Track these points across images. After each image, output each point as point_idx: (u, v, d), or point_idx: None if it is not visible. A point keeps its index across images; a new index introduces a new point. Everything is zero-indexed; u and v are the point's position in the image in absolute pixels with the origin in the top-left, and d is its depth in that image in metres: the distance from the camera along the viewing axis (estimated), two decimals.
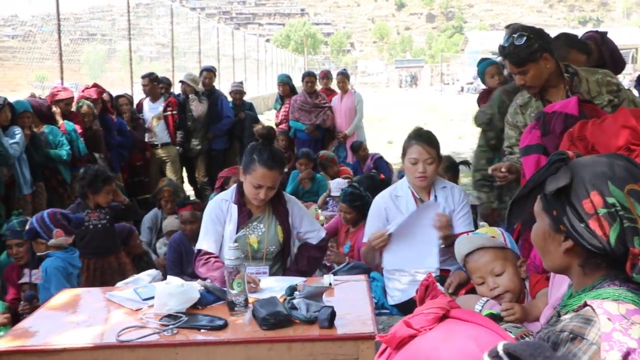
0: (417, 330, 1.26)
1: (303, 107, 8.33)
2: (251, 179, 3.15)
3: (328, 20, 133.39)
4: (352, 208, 4.59)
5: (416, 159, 3.36)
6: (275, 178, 3.18)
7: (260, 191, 3.14)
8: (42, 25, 9.50)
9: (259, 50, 26.99)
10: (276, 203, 3.33)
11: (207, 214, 3.33)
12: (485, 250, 2.56)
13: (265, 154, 3.15)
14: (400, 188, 3.56)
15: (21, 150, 5.37)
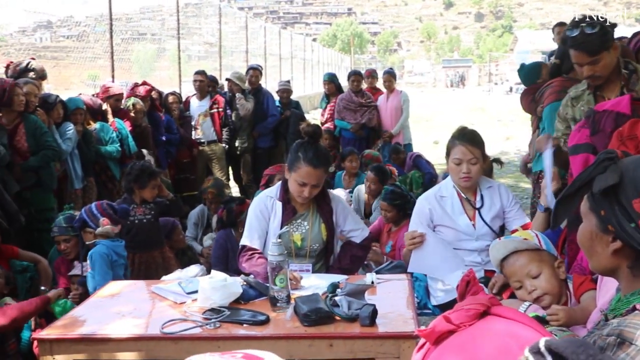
0: (456, 326, 1.24)
1: (348, 106, 8.32)
2: (296, 177, 3.16)
3: (375, 19, 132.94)
4: (392, 206, 4.64)
5: (460, 159, 3.31)
6: (320, 176, 3.18)
7: (305, 189, 3.15)
8: (95, 26, 9.73)
9: (305, 49, 27.05)
10: (320, 201, 3.33)
11: (251, 210, 3.35)
12: (520, 253, 2.52)
13: (311, 152, 3.15)
14: (445, 188, 3.50)
15: (73, 146, 5.53)
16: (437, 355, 1.26)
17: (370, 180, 4.73)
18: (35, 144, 5.02)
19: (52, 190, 5.28)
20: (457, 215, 3.41)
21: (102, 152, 5.88)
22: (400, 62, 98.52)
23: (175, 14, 11.27)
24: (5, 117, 5.02)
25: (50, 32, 12.99)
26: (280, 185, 3.36)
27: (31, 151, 5.02)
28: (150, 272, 4.25)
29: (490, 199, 3.41)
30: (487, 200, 3.41)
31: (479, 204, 3.42)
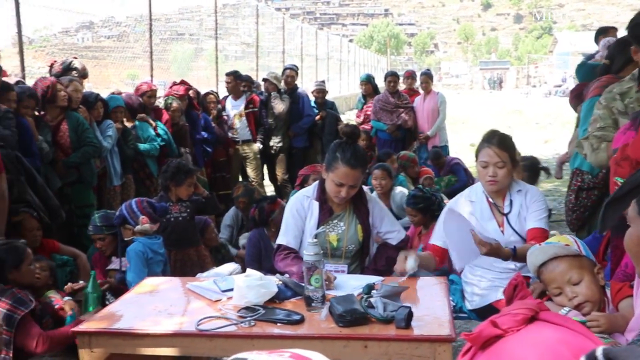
0: (503, 331, 1.21)
1: (385, 107, 8.29)
2: (333, 177, 3.15)
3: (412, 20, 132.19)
4: (416, 210, 4.63)
5: (486, 162, 3.21)
6: (357, 177, 3.16)
7: (342, 189, 3.14)
8: (135, 26, 9.88)
9: (341, 50, 27.06)
10: (357, 202, 3.31)
11: (288, 209, 3.35)
12: (560, 260, 2.46)
13: (349, 153, 3.13)
14: (474, 193, 3.39)
15: (113, 143, 5.62)
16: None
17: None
18: (77, 141, 5.12)
19: (92, 186, 5.38)
20: (486, 221, 3.29)
21: (141, 150, 5.97)
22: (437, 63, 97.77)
23: (213, 14, 11.38)
24: (49, 114, 5.13)
25: (92, 33, 13.24)
26: (317, 185, 3.35)
27: (73, 148, 5.12)
28: (186, 270, 4.29)
29: (519, 204, 3.28)
30: (515, 206, 3.27)
31: (507, 209, 3.29)
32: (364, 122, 8.71)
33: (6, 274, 3.17)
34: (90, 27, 13.40)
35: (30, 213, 4.27)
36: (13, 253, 3.20)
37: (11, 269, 3.18)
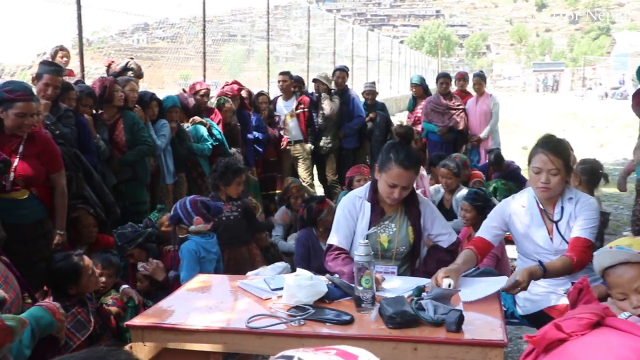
0: (567, 335, 1.18)
1: (436, 108, 8.20)
2: (386, 178, 3.13)
3: (464, 21, 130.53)
4: (473, 207, 4.64)
5: (540, 168, 3.08)
6: (411, 178, 3.14)
7: (395, 190, 3.12)
8: (188, 27, 10.05)
9: (392, 51, 26.91)
10: (409, 203, 3.29)
11: (340, 209, 3.34)
12: (629, 266, 2.37)
13: (402, 154, 3.10)
14: (526, 198, 3.28)
15: (167, 142, 5.73)
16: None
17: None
18: (132, 139, 5.24)
19: (146, 184, 5.49)
20: (536, 228, 3.19)
21: (194, 149, 6.06)
22: (489, 65, 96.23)
23: (264, 15, 11.47)
24: (106, 113, 5.27)
25: (147, 34, 13.52)
26: (369, 185, 3.33)
27: (128, 146, 5.24)
28: (238, 268, 4.30)
29: (569, 212, 3.15)
30: (566, 213, 3.15)
31: (557, 217, 3.16)
32: (414, 124, 8.64)
33: (66, 290, 3.23)
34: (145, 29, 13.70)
35: (87, 210, 4.39)
36: (70, 270, 3.21)
37: (70, 285, 3.23)
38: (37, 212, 3.97)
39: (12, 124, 3.76)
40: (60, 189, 4.04)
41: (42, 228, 3.97)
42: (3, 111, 3.76)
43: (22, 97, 3.74)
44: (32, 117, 3.81)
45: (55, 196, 4.03)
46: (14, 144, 3.83)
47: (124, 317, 3.38)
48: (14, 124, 3.76)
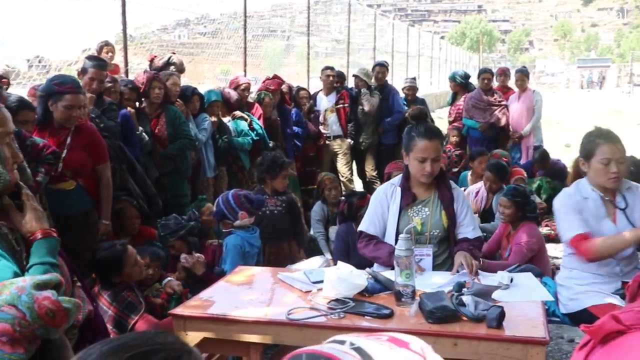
0: (626, 327, 1.16)
1: (477, 104, 8.10)
2: (414, 155, 3.17)
3: (506, 16, 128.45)
4: (512, 203, 4.57)
5: (609, 158, 3.09)
6: (437, 148, 3.19)
7: (426, 164, 3.15)
8: (228, 23, 10.13)
9: (433, 47, 26.68)
10: (442, 187, 3.31)
11: (373, 198, 3.43)
12: None
13: (422, 128, 3.19)
14: (584, 190, 3.25)
15: (208, 136, 5.80)
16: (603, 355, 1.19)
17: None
18: (173, 133, 5.32)
19: (187, 177, 5.57)
20: (601, 219, 3.18)
21: (235, 143, 6.12)
22: (532, 61, 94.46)
23: (304, 11, 11.49)
24: (148, 107, 5.36)
25: (188, 30, 13.66)
26: (402, 173, 3.37)
27: (170, 139, 5.31)
28: (279, 263, 4.31)
29: (632, 200, 3.19)
30: (630, 202, 3.18)
31: (622, 204, 3.18)
32: (454, 120, 8.55)
33: (110, 279, 3.31)
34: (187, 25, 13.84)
35: (130, 202, 4.48)
36: (113, 260, 3.28)
37: (114, 274, 3.31)
38: (83, 203, 4.07)
39: (60, 116, 3.87)
40: (105, 180, 4.13)
41: (88, 219, 4.07)
42: (53, 104, 3.87)
43: (70, 89, 3.84)
44: (80, 109, 3.91)
45: (101, 187, 4.13)
46: (62, 135, 3.94)
47: (167, 307, 3.44)
48: (63, 116, 3.86)
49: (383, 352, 0.79)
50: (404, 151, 3.26)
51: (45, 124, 3.96)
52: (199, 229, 4.40)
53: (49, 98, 3.89)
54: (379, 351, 0.79)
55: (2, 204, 1.57)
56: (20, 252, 1.51)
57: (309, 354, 0.79)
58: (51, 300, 1.00)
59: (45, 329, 0.99)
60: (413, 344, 0.82)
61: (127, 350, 0.85)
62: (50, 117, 3.93)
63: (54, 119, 3.92)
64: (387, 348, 0.80)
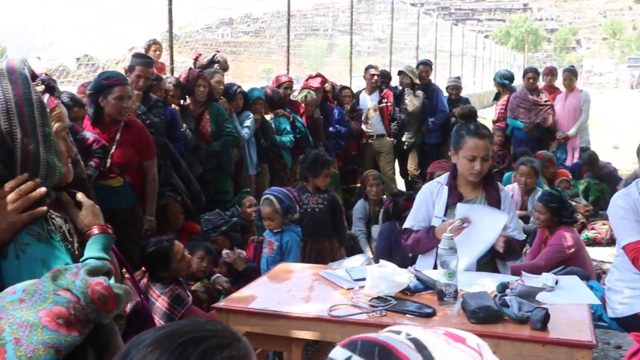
0: None
1: (522, 104, 7.96)
2: (464, 153, 3.13)
3: (553, 15, 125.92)
4: (547, 209, 4.48)
5: None
6: (487, 147, 3.14)
7: (475, 163, 3.10)
8: (271, 22, 10.19)
9: (477, 46, 26.37)
10: (489, 188, 3.26)
11: (419, 195, 3.40)
12: None
13: (472, 126, 3.16)
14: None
15: (250, 134, 5.85)
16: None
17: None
18: (217, 130, 5.38)
19: (230, 174, 5.63)
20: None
21: (277, 141, 6.16)
22: (578, 60, 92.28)
23: (347, 10, 11.48)
24: (192, 104, 5.44)
25: (231, 29, 13.78)
26: (449, 172, 3.34)
27: (213, 137, 5.38)
28: (319, 260, 4.31)
29: None
30: None
31: None
32: (498, 120, 8.44)
33: (159, 274, 3.38)
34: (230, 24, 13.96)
35: (174, 197, 4.55)
36: (160, 255, 3.35)
37: (162, 268, 3.37)
38: (129, 199, 4.15)
39: (112, 109, 3.96)
40: (151, 176, 4.21)
41: (133, 214, 4.15)
42: (103, 99, 3.97)
43: (118, 81, 3.95)
44: (129, 100, 4.00)
45: (147, 183, 4.20)
46: (112, 131, 4.03)
47: None
48: (114, 109, 3.95)
49: (439, 345, 0.79)
50: (453, 149, 3.22)
51: (96, 121, 4.06)
52: (242, 225, 4.45)
53: (99, 94, 3.98)
54: (436, 344, 0.79)
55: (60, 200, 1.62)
56: (72, 242, 1.56)
57: (365, 341, 0.80)
58: (103, 286, 1.03)
59: (97, 314, 1.03)
60: (469, 340, 0.82)
61: (181, 335, 0.87)
62: (101, 114, 4.02)
63: (105, 114, 4.01)
64: (443, 342, 0.80)
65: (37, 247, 1.48)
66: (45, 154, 1.52)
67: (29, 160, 1.50)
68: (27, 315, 0.97)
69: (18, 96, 1.48)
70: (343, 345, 0.81)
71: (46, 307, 0.98)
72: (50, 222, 1.53)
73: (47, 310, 0.98)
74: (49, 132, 1.53)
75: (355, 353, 0.79)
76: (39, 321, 0.96)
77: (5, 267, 1.46)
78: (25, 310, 0.98)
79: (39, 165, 1.52)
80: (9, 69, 1.51)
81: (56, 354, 0.95)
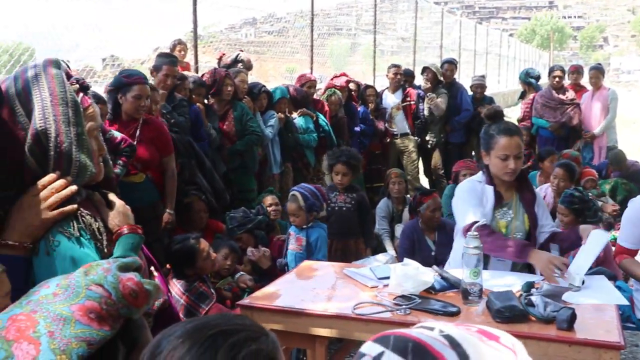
0: None
1: (548, 103, 7.87)
2: (496, 153, 3.07)
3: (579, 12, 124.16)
4: (570, 210, 4.43)
5: None
6: (519, 145, 3.08)
7: (509, 162, 3.04)
8: (294, 21, 10.21)
9: (501, 45, 26.14)
10: (523, 188, 3.21)
11: (463, 192, 3.24)
12: None
13: (502, 125, 3.11)
14: None
15: (274, 133, 5.87)
16: None
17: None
18: (241, 129, 5.41)
19: (253, 172, 5.66)
20: None
21: (301, 140, 6.18)
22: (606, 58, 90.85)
23: (370, 9, 11.47)
24: (216, 104, 5.48)
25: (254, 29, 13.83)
26: (482, 173, 3.27)
27: (237, 136, 5.41)
28: (344, 259, 4.29)
29: None
30: None
31: None
32: (523, 119, 8.36)
33: (184, 271, 3.42)
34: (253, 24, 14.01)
35: (198, 196, 4.58)
36: (186, 253, 3.40)
37: (188, 266, 3.41)
38: (151, 195, 4.20)
39: (130, 107, 4.01)
40: (170, 171, 4.27)
41: (155, 211, 4.20)
42: (122, 96, 4.02)
43: (138, 80, 3.99)
44: (147, 99, 4.04)
45: (166, 178, 4.26)
46: (131, 129, 4.08)
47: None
48: (132, 107, 4.00)
49: (474, 342, 0.78)
50: (484, 151, 3.16)
51: (114, 118, 4.11)
52: (266, 224, 4.47)
53: (118, 91, 4.04)
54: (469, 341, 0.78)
55: (92, 199, 1.66)
56: (101, 240, 1.59)
57: (398, 337, 0.79)
58: (134, 282, 1.06)
59: (128, 309, 1.05)
60: (503, 338, 0.81)
61: (210, 328, 0.88)
62: (119, 111, 4.07)
63: (123, 111, 4.06)
64: (477, 339, 0.79)
65: (67, 245, 1.51)
66: (78, 152, 1.55)
67: (61, 159, 1.53)
68: (61, 309, 0.99)
69: (54, 95, 1.52)
70: (375, 340, 0.81)
71: (79, 301, 1.00)
72: (81, 220, 1.56)
73: (79, 304, 1.00)
74: (82, 131, 1.56)
75: (388, 348, 0.78)
76: (72, 315, 0.98)
77: (37, 263, 1.50)
78: (59, 304, 1.00)
79: (71, 164, 1.55)
80: (46, 69, 1.55)
81: (88, 347, 0.97)
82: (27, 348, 0.95)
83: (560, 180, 5.45)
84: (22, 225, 1.50)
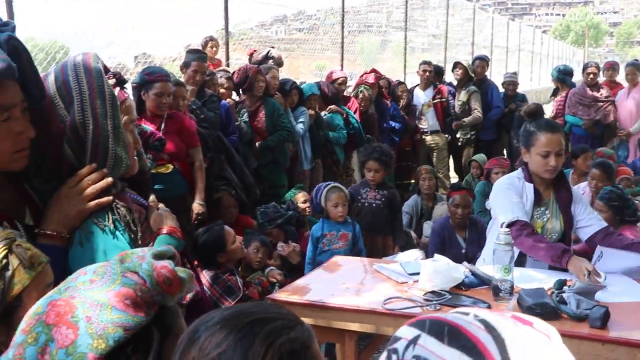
0: None
1: (582, 100, 7.74)
2: (537, 150, 3.03)
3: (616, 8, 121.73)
4: (608, 207, 4.33)
5: None
6: (560, 142, 3.03)
7: (550, 159, 3.00)
8: (325, 19, 10.22)
9: (534, 41, 25.79)
10: (561, 188, 3.16)
11: (503, 188, 3.17)
12: None
13: (542, 122, 3.08)
14: None
15: (305, 129, 5.89)
16: None
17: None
18: (272, 125, 5.44)
19: (284, 168, 5.69)
20: None
21: (330, 137, 6.19)
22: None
23: (401, 6, 11.43)
24: (248, 100, 5.51)
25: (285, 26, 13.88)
26: (520, 170, 3.22)
27: (268, 132, 5.44)
28: (371, 256, 4.31)
29: None
30: None
31: None
32: (556, 117, 8.24)
33: (216, 258, 3.45)
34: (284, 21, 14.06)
35: (228, 191, 4.62)
36: (215, 239, 3.45)
37: (219, 252, 3.45)
38: (180, 187, 4.25)
39: (152, 104, 4.07)
40: (198, 163, 4.32)
41: (184, 203, 4.24)
42: (145, 93, 4.08)
43: (160, 77, 4.05)
44: (169, 97, 4.09)
45: (195, 170, 4.31)
46: (155, 123, 4.13)
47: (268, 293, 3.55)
48: (154, 104, 4.06)
49: (508, 326, 0.79)
50: (524, 148, 3.12)
51: (139, 114, 4.17)
52: (297, 219, 4.50)
53: (141, 88, 4.10)
54: (505, 325, 0.79)
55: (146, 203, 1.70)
56: (136, 232, 1.62)
57: (434, 320, 0.80)
58: (168, 269, 1.08)
59: (162, 296, 1.07)
60: (537, 324, 0.82)
61: (247, 315, 0.90)
62: (144, 107, 4.13)
63: (147, 108, 4.12)
64: (512, 324, 0.80)
65: (101, 237, 1.55)
66: (114, 145, 1.59)
67: (98, 151, 1.57)
68: (98, 295, 1.02)
69: (92, 89, 1.55)
70: (411, 324, 0.82)
71: (115, 288, 1.03)
72: (116, 211, 1.60)
73: (115, 291, 1.03)
74: (118, 124, 1.59)
75: (424, 331, 0.79)
76: (108, 301, 1.01)
77: (71, 254, 1.53)
78: (95, 290, 1.02)
79: (107, 156, 1.58)
80: (85, 63, 1.59)
81: (124, 332, 0.99)
82: (66, 332, 0.98)
83: (598, 180, 5.31)
84: (60, 215, 1.54)
